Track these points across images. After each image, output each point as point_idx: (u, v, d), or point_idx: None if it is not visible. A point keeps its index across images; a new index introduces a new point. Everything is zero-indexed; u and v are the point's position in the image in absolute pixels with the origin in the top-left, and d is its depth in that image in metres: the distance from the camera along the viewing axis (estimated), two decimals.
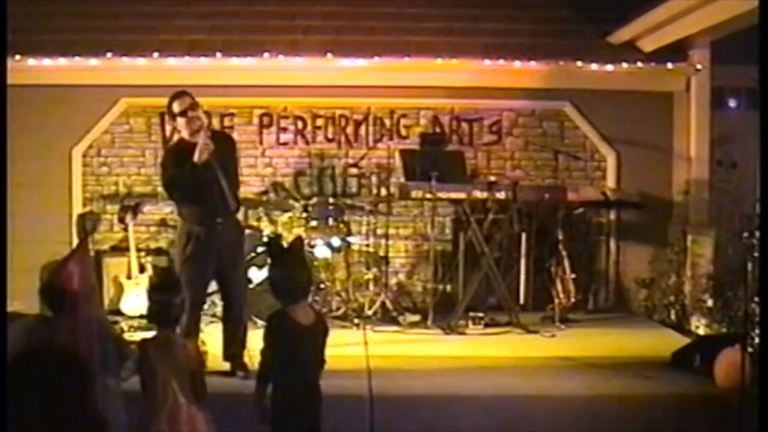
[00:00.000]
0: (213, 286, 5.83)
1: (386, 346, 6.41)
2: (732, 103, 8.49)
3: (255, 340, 5.88)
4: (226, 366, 5.59)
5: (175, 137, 5.91)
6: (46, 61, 7.65)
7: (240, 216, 6.70)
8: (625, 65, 7.94)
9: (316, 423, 3.91)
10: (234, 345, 5.60)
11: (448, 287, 7.46)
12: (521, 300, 7.64)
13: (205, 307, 6.07)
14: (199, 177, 5.34)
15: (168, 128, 8.10)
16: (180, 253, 5.57)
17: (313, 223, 7.35)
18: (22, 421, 3.21)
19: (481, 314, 7.09)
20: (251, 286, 6.93)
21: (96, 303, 3.95)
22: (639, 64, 7.95)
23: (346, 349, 6.16)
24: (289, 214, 7.43)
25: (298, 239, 4.22)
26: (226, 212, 5.49)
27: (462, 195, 7.15)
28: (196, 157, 5.31)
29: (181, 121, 5.50)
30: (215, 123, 7.98)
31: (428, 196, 7.06)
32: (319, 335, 3.94)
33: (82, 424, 3.42)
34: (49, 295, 3.82)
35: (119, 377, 3.86)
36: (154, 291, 3.92)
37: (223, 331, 5.71)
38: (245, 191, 5.99)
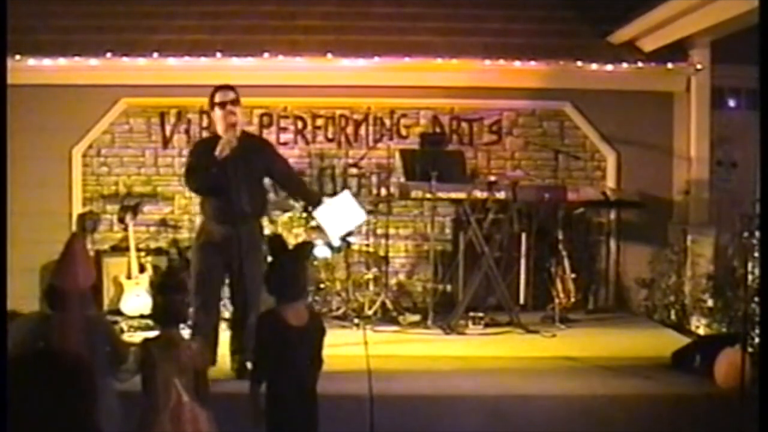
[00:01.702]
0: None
1: (386, 346, 6.41)
2: (732, 103, 8.48)
3: None
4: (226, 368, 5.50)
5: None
6: (46, 61, 7.65)
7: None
8: (625, 65, 7.94)
9: (311, 425, 3.88)
10: (243, 354, 5.43)
11: (448, 287, 7.46)
12: (521, 300, 7.64)
13: None
14: (218, 173, 5.34)
15: (168, 128, 8.11)
16: (193, 250, 5.67)
17: (313, 223, 7.35)
18: (19, 420, 3.21)
19: (481, 314, 7.09)
20: None
21: (91, 302, 3.94)
22: (639, 64, 7.95)
23: (346, 349, 6.19)
24: (289, 214, 7.42)
25: (308, 243, 4.24)
26: (243, 215, 5.42)
27: (462, 195, 7.15)
28: (217, 152, 5.32)
29: (218, 114, 5.50)
30: None
31: (428, 196, 7.06)
32: (312, 337, 3.90)
33: (78, 423, 3.41)
34: (46, 293, 3.84)
35: (117, 378, 3.86)
36: (157, 291, 3.92)
37: (231, 335, 5.56)
38: None
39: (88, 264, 3.97)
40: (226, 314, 5.88)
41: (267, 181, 5.97)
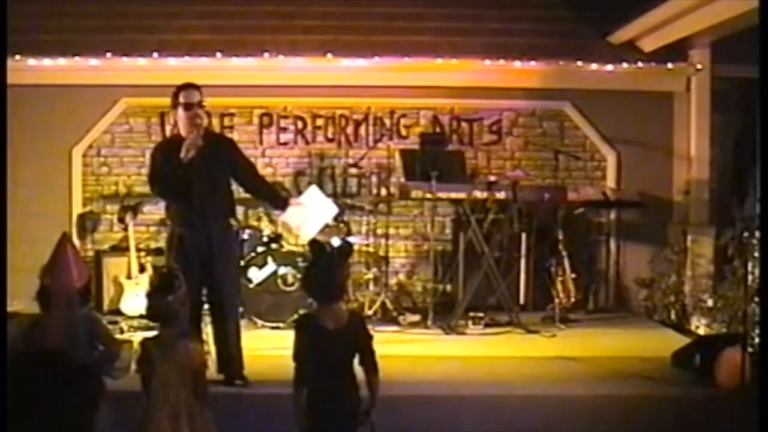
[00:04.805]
0: None
1: (386, 346, 6.37)
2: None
3: (255, 340, 5.90)
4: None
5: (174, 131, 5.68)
6: (46, 61, 7.66)
7: (240, 216, 6.70)
8: (625, 65, 7.94)
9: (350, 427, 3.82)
10: (227, 356, 5.38)
11: (448, 287, 7.46)
12: (521, 300, 7.64)
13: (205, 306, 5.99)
14: (185, 175, 5.19)
15: (168, 128, 8.10)
16: (168, 256, 5.43)
17: None
18: (14, 420, 3.21)
19: (481, 314, 7.09)
20: (251, 286, 6.94)
21: (83, 301, 3.93)
22: (639, 64, 7.96)
23: None
24: None
25: (348, 245, 4.25)
26: (212, 215, 5.30)
27: (462, 195, 7.16)
28: (182, 154, 5.17)
29: (182, 114, 5.33)
30: (215, 123, 7.98)
31: (428, 196, 7.07)
32: (352, 339, 3.81)
33: (71, 422, 3.41)
34: (38, 294, 3.85)
35: (111, 375, 3.85)
36: (153, 290, 3.91)
37: (214, 341, 5.43)
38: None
39: (79, 264, 3.97)
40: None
41: (318, 199, 5.83)
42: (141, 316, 6.97)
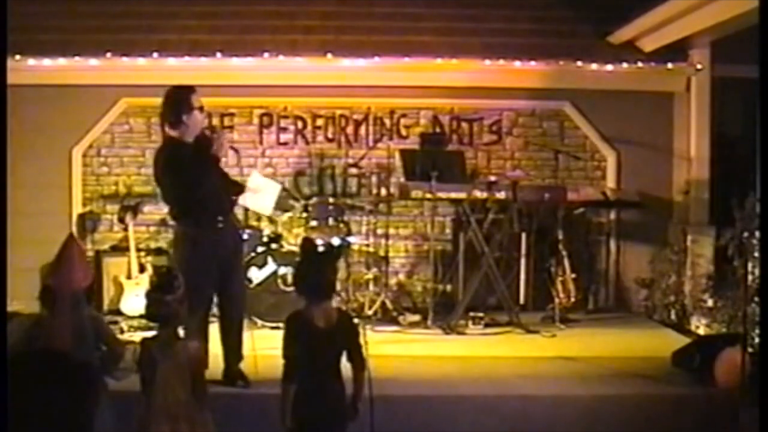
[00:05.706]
0: None
1: (386, 346, 6.41)
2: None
3: (255, 340, 5.89)
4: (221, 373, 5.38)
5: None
6: (46, 61, 7.66)
7: (239, 216, 6.70)
8: (625, 65, 7.94)
9: (339, 426, 3.84)
10: (236, 355, 5.42)
11: (448, 287, 7.46)
12: (521, 300, 7.64)
13: None
14: (213, 175, 5.22)
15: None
16: (180, 259, 5.31)
17: (313, 223, 7.35)
18: (15, 421, 3.20)
19: (481, 314, 7.09)
20: (251, 286, 6.94)
21: (87, 301, 3.94)
22: (639, 64, 7.95)
23: None
24: (289, 214, 7.42)
25: (343, 243, 4.26)
26: (226, 212, 5.36)
27: (462, 195, 7.16)
28: (221, 153, 5.25)
29: (199, 117, 5.31)
30: (215, 123, 7.98)
31: (428, 196, 7.07)
32: (341, 337, 3.84)
33: (73, 423, 3.40)
34: (42, 294, 3.85)
35: (114, 376, 3.86)
36: (153, 290, 3.91)
37: (222, 340, 5.45)
38: None
39: (83, 265, 3.97)
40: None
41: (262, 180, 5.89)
42: (141, 316, 6.99)
